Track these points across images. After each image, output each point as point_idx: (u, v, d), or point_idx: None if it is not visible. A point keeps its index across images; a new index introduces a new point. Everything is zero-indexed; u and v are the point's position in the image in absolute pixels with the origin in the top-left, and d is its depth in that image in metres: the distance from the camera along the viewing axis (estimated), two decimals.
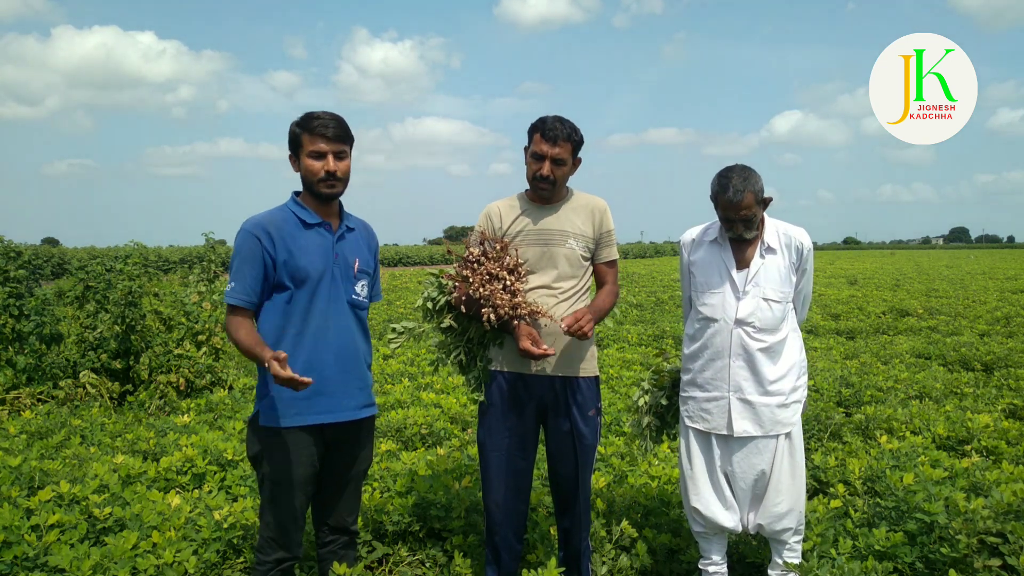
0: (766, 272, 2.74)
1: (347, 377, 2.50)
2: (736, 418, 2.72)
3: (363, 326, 2.60)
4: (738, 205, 2.63)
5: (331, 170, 2.43)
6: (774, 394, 2.72)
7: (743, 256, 2.77)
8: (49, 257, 30.73)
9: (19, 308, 6.28)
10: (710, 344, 2.77)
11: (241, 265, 2.41)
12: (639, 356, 7.90)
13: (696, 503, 2.83)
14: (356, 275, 2.55)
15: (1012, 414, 5.44)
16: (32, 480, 3.67)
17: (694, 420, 2.84)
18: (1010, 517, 2.90)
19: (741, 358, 2.72)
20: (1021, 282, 19.80)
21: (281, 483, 2.44)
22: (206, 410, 5.72)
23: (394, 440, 4.75)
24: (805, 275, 2.83)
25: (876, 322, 11.09)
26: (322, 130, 2.41)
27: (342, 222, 2.57)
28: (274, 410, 2.42)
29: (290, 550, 2.48)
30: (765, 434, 2.72)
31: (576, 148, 2.75)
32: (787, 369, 2.75)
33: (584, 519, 2.90)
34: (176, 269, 27.23)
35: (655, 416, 3.14)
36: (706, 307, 2.79)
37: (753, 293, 2.72)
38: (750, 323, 2.71)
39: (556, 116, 2.72)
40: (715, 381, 2.76)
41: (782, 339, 2.75)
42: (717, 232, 2.82)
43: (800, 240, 2.78)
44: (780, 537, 2.79)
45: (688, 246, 2.92)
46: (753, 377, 2.72)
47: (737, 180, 2.63)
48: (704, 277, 2.81)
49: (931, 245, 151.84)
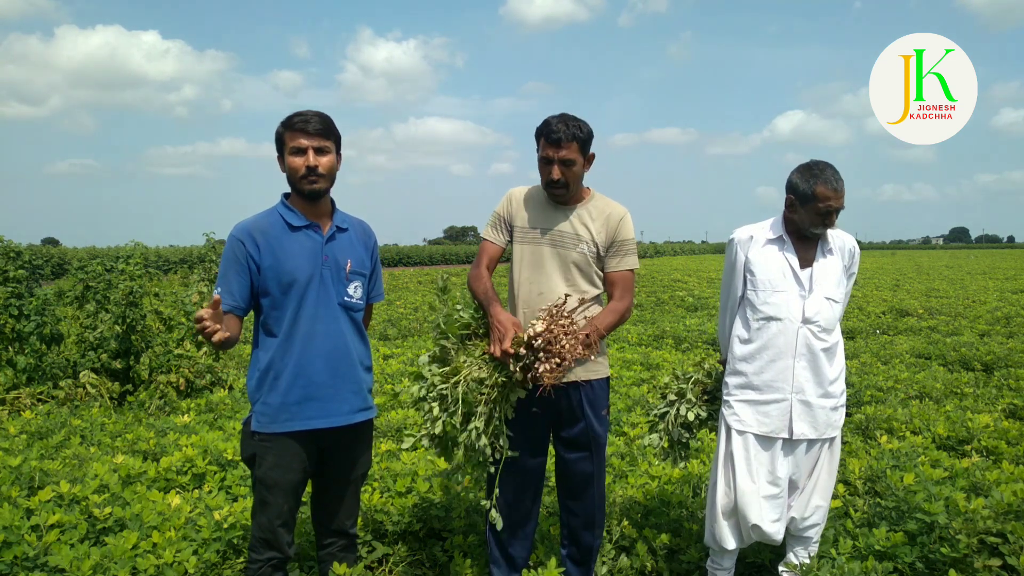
0: (827, 271, 2.73)
1: (339, 382, 2.46)
2: (796, 420, 2.69)
3: (358, 328, 2.56)
4: (839, 194, 2.62)
5: (311, 165, 2.38)
6: (831, 396, 2.72)
7: (805, 255, 2.76)
8: (49, 257, 30.72)
9: (19, 308, 6.28)
10: (772, 344, 2.71)
11: (227, 271, 2.40)
12: (639, 356, 7.91)
13: (755, 519, 2.70)
14: (348, 276, 2.50)
15: (1012, 414, 5.44)
16: (32, 480, 3.67)
17: (748, 425, 2.73)
18: (1010, 517, 2.90)
19: (805, 358, 2.69)
20: (1021, 282, 19.80)
21: (271, 488, 2.42)
22: (206, 410, 5.72)
23: (394, 440, 4.75)
24: (851, 280, 2.85)
25: (876, 322, 11.09)
26: (302, 125, 2.38)
27: (333, 222, 2.52)
28: (265, 415, 2.41)
29: (282, 550, 2.48)
30: (819, 437, 2.71)
31: (584, 145, 2.66)
32: (840, 371, 2.76)
33: (599, 516, 2.88)
34: (176, 269, 27.21)
35: (684, 428, 3.03)
36: (769, 306, 2.73)
37: (818, 292, 2.71)
38: (815, 322, 2.69)
39: (560, 116, 2.65)
40: (776, 383, 2.70)
41: (838, 340, 2.75)
42: (781, 230, 2.78)
43: (852, 244, 2.80)
44: (806, 533, 2.82)
45: (745, 244, 2.83)
46: (815, 378, 2.70)
47: (831, 171, 2.63)
48: (766, 276, 2.75)
49: (931, 245, 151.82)
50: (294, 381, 2.40)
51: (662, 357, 7.92)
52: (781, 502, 2.74)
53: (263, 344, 2.44)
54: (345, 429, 2.50)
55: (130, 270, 6.66)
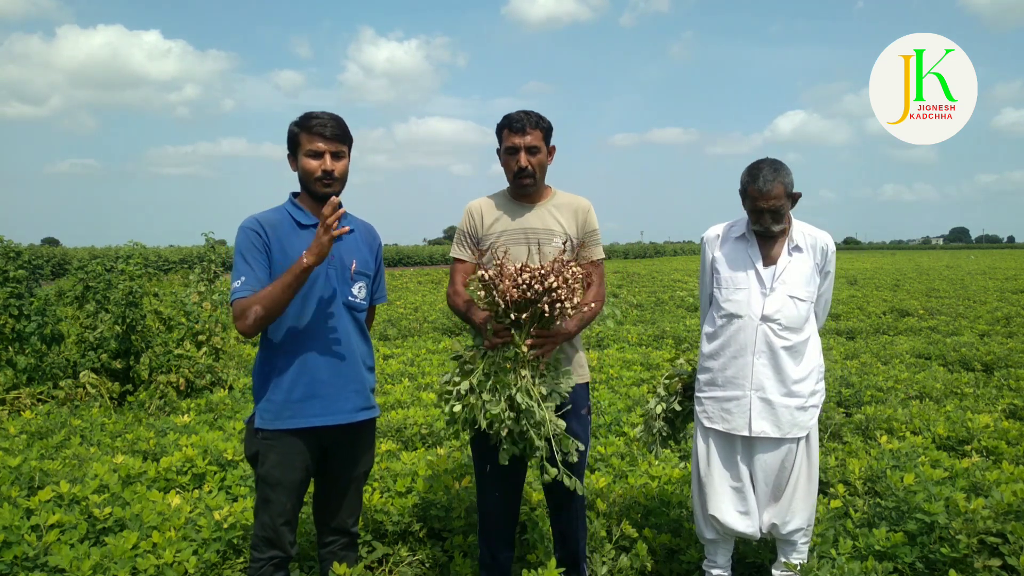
0: (793, 270, 2.74)
1: (341, 380, 2.48)
2: (755, 418, 2.71)
3: (360, 328, 2.58)
4: (767, 195, 2.63)
5: (328, 169, 2.42)
6: (795, 395, 2.71)
7: (770, 253, 2.77)
8: (49, 257, 30.72)
9: (19, 308, 6.28)
10: (733, 341, 2.75)
11: (246, 257, 2.39)
12: (639, 356, 7.90)
13: (714, 510, 2.79)
14: (353, 276, 2.53)
15: (1012, 414, 5.44)
16: (32, 480, 3.67)
17: (713, 421, 2.79)
18: (1010, 517, 2.90)
19: (765, 355, 2.71)
20: (1021, 282, 19.79)
21: (273, 486, 2.43)
22: (206, 410, 5.72)
23: (394, 440, 4.75)
24: (828, 278, 2.83)
25: (876, 322, 11.09)
26: (320, 129, 2.41)
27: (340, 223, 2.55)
28: (269, 412, 2.42)
29: (284, 549, 2.48)
30: (783, 436, 2.71)
31: (547, 135, 2.73)
32: (808, 371, 2.75)
33: (580, 520, 2.88)
34: (176, 269, 27.20)
35: (665, 422, 3.09)
36: (730, 303, 2.76)
37: (780, 290, 2.71)
38: (776, 320, 2.70)
39: (520, 109, 2.71)
40: (737, 379, 2.73)
41: (805, 339, 2.74)
42: (744, 228, 2.81)
43: (825, 242, 2.79)
44: (791, 538, 2.80)
45: (712, 242, 2.89)
46: (776, 376, 2.71)
47: (767, 171, 2.65)
48: (729, 273, 2.79)
49: (931, 245, 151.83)
50: (297, 379, 2.42)
51: (662, 357, 7.92)
52: (744, 496, 2.76)
53: (268, 341, 2.46)
54: (347, 428, 2.52)
55: (130, 270, 6.66)
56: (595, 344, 9.45)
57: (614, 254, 67.01)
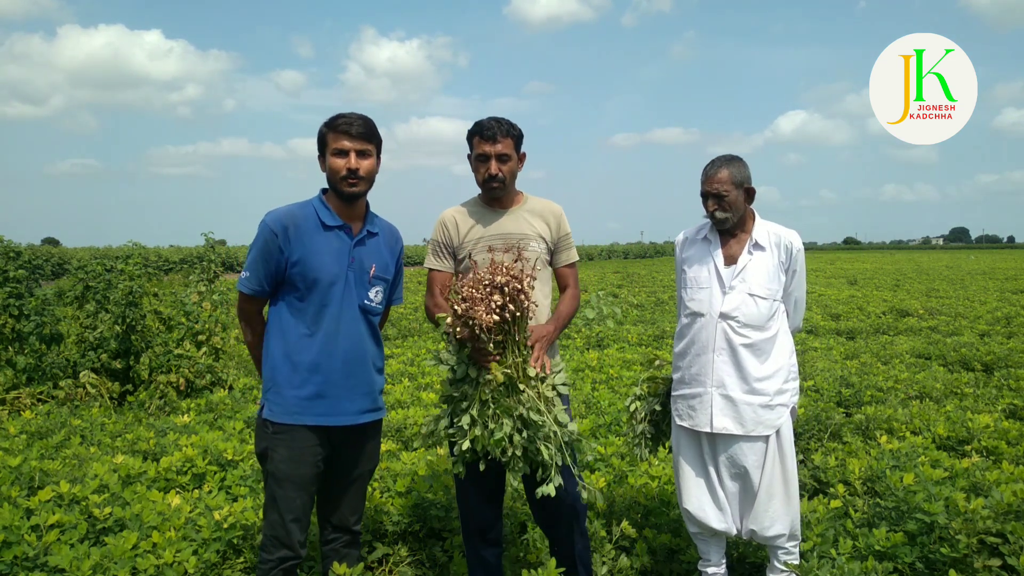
0: (754, 268, 2.76)
1: (352, 382, 2.50)
2: (716, 414, 2.73)
3: (373, 331, 2.61)
4: (711, 178, 2.71)
5: (353, 167, 2.44)
6: (758, 393, 2.71)
7: (731, 253, 2.81)
8: (49, 257, 30.71)
9: (19, 308, 6.28)
10: (696, 339, 2.80)
11: (257, 258, 2.45)
12: (639, 356, 7.91)
13: (687, 504, 2.85)
14: (371, 280, 2.55)
15: (1012, 414, 5.44)
16: (32, 480, 3.67)
17: (682, 418, 2.85)
18: (1010, 517, 2.90)
19: (725, 352, 2.74)
20: (1021, 282, 19.80)
21: (282, 481, 2.44)
22: (206, 410, 5.72)
23: (394, 440, 4.75)
24: (796, 277, 2.83)
25: (876, 322, 11.09)
26: (345, 127, 2.43)
27: (365, 225, 2.57)
28: (278, 405, 2.45)
29: (293, 549, 2.48)
30: (746, 433, 2.71)
31: (517, 142, 2.77)
32: (774, 370, 2.75)
33: (579, 532, 2.81)
34: (176, 269, 27.20)
35: (650, 424, 3.10)
36: (694, 302, 2.82)
37: (740, 288, 2.74)
38: (734, 317, 2.73)
39: (491, 117, 2.75)
40: (700, 376, 2.78)
41: (769, 338, 2.75)
42: (707, 230, 2.87)
43: (790, 240, 2.80)
44: (774, 543, 2.79)
45: (681, 244, 2.99)
46: (736, 373, 2.72)
47: (718, 160, 2.75)
48: (693, 273, 2.86)
49: (931, 245, 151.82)
50: (309, 377, 2.44)
51: (662, 357, 7.91)
52: (716, 494, 2.79)
53: (282, 335, 2.47)
54: (354, 428, 2.54)
55: (129, 270, 6.66)
56: (595, 344, 9.45)
57: (614, 254, 66.98)
